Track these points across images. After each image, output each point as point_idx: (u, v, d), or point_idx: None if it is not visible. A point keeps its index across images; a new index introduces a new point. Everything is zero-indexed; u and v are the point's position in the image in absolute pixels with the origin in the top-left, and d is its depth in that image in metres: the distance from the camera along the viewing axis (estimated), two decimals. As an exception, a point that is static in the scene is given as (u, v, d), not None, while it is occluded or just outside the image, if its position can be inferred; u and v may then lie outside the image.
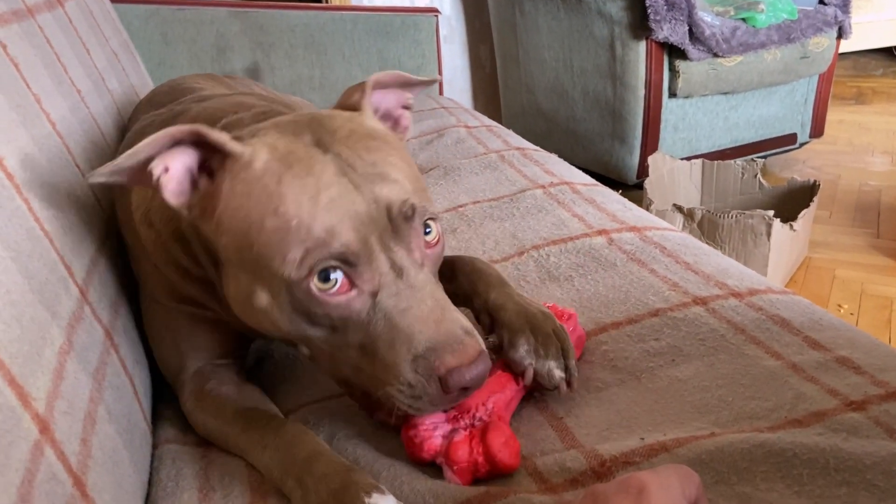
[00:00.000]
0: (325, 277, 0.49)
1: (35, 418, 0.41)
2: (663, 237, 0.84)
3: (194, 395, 0.65)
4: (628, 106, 2.19)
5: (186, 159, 0.52)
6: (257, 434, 0.58)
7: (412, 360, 0.49)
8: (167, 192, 0.52)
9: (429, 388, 0.49)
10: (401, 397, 0.50)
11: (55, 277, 0.54)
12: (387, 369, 0.50)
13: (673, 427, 0.54)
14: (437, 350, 0.49)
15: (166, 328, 0.67)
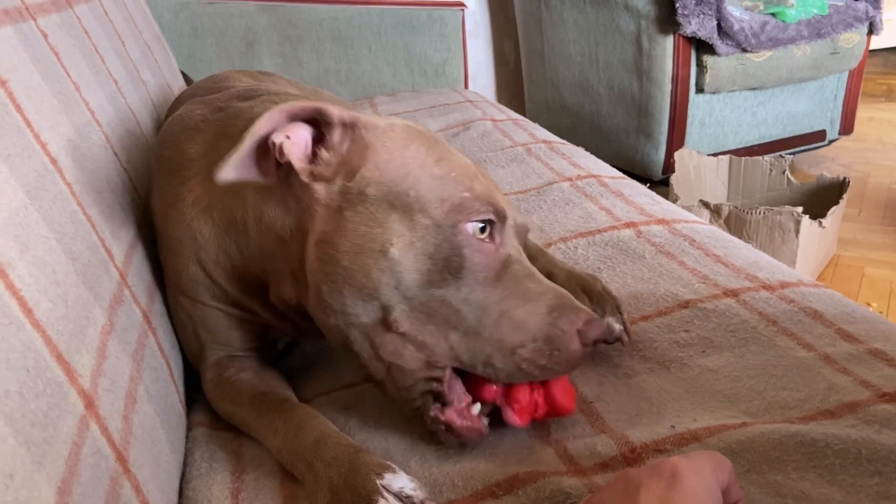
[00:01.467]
0: (479, 228, 0.52)
1: (81, 394, 0.42)
2: (692, 230, 0.84)
3: (214, 382, 0.66)
4: (654, 101, 2.18)
5: (302, 132, 0.54)
6: (269, 418, 0.59)
7: (547, 313, 0.51)
8: (293, 157, 0.53)
9: (568, 341, 0.51)
10: (535, 356, 0.51)
11: (97, 260, 0.55)
12: (519, 326, 0.51)
13: (703, 415, 0.54)
14: (571, 306, 0.52)
15: (191, 320, 0.68)
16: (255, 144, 0.52)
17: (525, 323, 0.51)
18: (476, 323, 0.51)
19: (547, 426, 0.57)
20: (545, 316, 0.51)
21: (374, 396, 0.63)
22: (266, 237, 0.60)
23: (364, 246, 0.52)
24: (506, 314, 0.51)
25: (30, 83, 0.56)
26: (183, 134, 0.69)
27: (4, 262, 0.39)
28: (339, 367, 0.70)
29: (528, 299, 0.52)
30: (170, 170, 0.67)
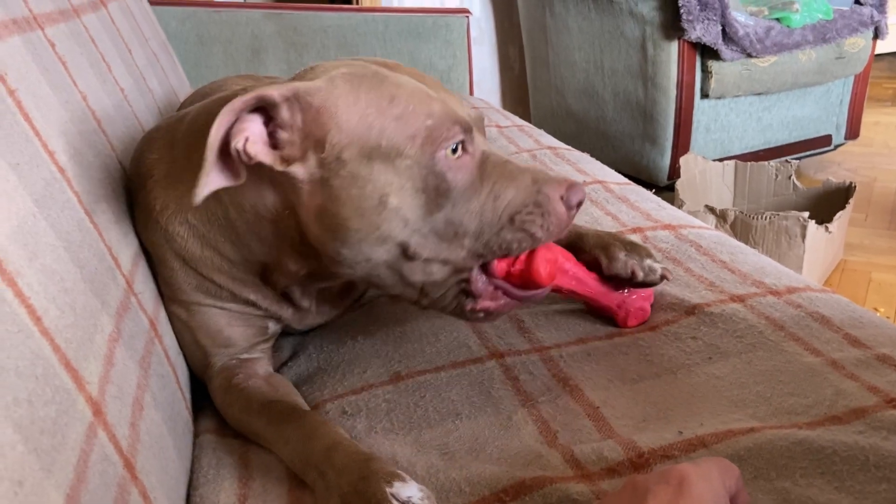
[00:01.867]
0: (451, 149, 0.56)
1: (89, 401, 0.42)
2: (699, 235, 0.84)
3: (222, 389, 0.66)
4: (660, 107, 2.18)
5: (255, 122, 0.54)
6: (280, 427, 0.59)
7: (532, 184, 0.57)
8: (260, 156, 0.53)
9: (553, 204, 0.57)
10: (533, 218, 0.57)
11: (104, 267, 0.55)
12: (511, 201, 0.57)
13: (710, 420, 0.54)
14: (548, 178, 0.58)
15: (188, 328, 0.68)
16: (217, 154, 0.52)
17: (515, 194, 0.57)
18: (480, 221, 0.57)
19: (553, 431, 0.57)
20: (531, 186, 0.57)
21: (381, 401, 0.63)
22: (256, 224, 0.60)
23: (364, 206, 0.54)
24: (498, 196, 0.57)
25: (38, 92, 0.57)
26: (144, 147, 0.69)
27: (13, 271, 0.40)
28: (346, 372, 0.70)
29: (512, 178, 0.58)
30: (138, 185, 0.67)
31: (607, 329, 0.69)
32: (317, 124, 0.54)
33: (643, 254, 0.68)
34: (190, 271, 0.66)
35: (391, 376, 0.67)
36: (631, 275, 0.67)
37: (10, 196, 0.44)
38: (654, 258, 0.69)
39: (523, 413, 0.59)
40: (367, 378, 0.68)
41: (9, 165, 0.45)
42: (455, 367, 0.66)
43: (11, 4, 0.60)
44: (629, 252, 0.68)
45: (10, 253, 0.40)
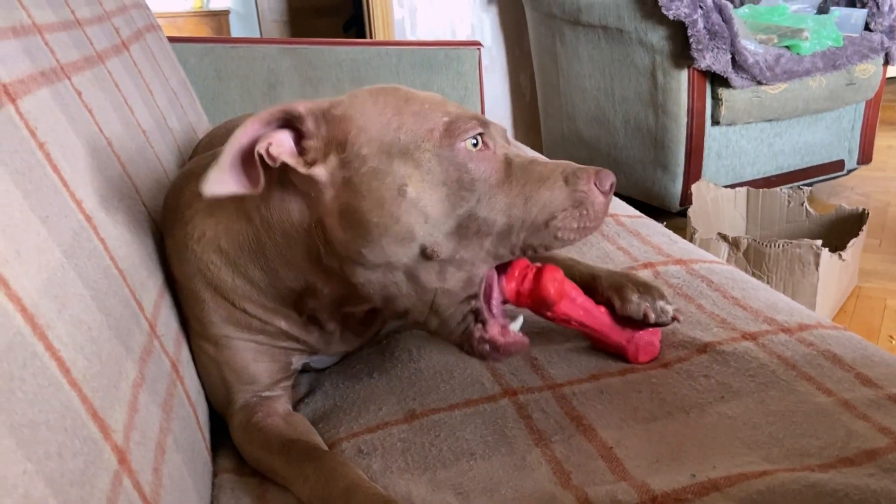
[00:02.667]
0: (471, 142, 0.57)
1: (114, 449, 0.44)
2: (710, 270, 0.85)
3: (242, 428, 0.67)
4: (671, 134, 2.19)
5: (283, 135, 0.57)
6: (299, 466, 0.60)
7: (565, 182, 0.58)
8: (284, 156, 0.56)
9: (591, 196, 0.58)
10: (568, 222, 0.58)
11: (128, 313, 0.57)
12: (546, 203, 0.57)
13: (723, 462, 0.55)
14: (578, 170, 0.59)
15: (215, 364, 0.69)
16: (236, 155, 0.55)
17: (551, 198, 0.57)
18: (506, 219, 0.57)
19: (567, 472, 0.57)
20: (564, 186, 0.58)
21: (396, 440, 0.64)
22: (285, 244, 0.62)
23: (384, 198, 0.56)
24: (530, 198, 0.57)
25: (66, 143, 0.59)
26: (184, 182, 0.72)
27: (44, 324, 0.41)
28: (362, 410, 0.71)
29: (543, 179, 0.58)
30: (174, 218, 0.70)
31: (619, 365, 0.70)
32: (339, 129, 0.57)
33: (656, 295, 0.69)
34: (220, 301, 0.67)
35: (406, 414, 0.68)
36: (644, 317, 0.68)
37: (41, 249, 0.46)
38: (667, 299, 0.70)
39: (537, 453, 0.60)
40: (382, 416, 0.68)
41: (39, 219, 0.47)
42: (469, 405, 0.67)
43: (39, 56, 0.62)
44: (642, 294, 0.69)
45: (42, 307, 0.42)
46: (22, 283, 0.41)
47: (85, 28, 0.84)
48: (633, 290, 0.69)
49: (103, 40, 0.90)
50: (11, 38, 0.58)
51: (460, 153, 0.56)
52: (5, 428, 0.33)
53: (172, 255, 0.71)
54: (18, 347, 0.37)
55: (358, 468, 0.58)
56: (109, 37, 0.95)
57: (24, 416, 0.35)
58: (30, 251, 0.44)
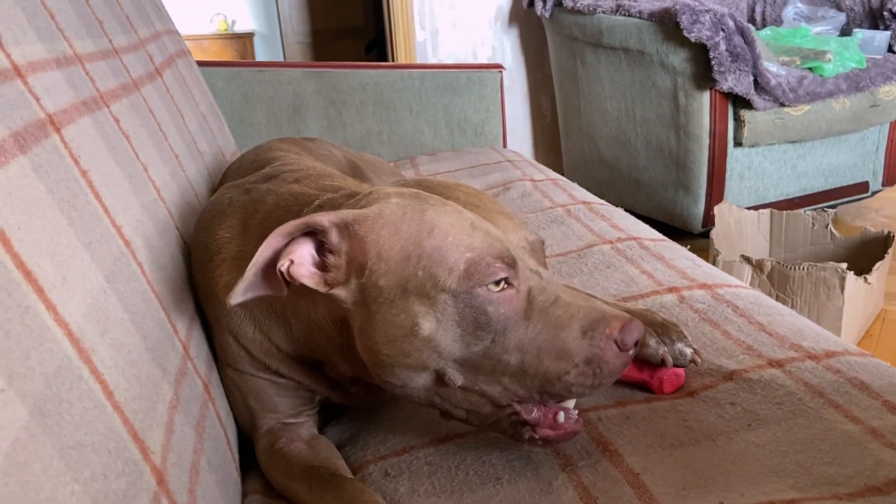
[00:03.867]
0: (494, 283, 0.54)
1: (153, 471, 0.45)
2: (735, 295, 0.85)
3: (266, 453, 0.68)
4: (693, 155, 2.19)
5: (305, 246, 0.57)
6: (320, 494, 0.61)
7: (582, 335, 0.54)
8: (304, 279, 0.56)
9: (607, 356, 0.54)
10: (581, 380, 0.54)
11: (164, 336, 0.58)
12: (559, 356, 0.54)
13: (751, 490, 0.55)
14: (601, 318, 0.54)
15: (239, 391, 0.71)
16: (260, 270, 0.55)
17: (563, 351, 0.54)
18: (519, 364, 0.55)
19: (593, 498, 0.58)
20: (580, 339, 0.54)
21: (423, 463, 0.65)
22: (309, 328, 0.64)
23: (395, 334, 0.55)
24: (543, 348, 0.55)
25: (106, 170, 0.61)
26: (214, 220, 0.73)
27: (89, 348, 0.43)
28: (388, 433, 0.71)
29: (560, 327, 0.55)
30: (204, 256, 0.71)
31: (645, 393, 0.70)
32: (360, 251, 0.56)
33: (675, 337, 0.69)
34: (240, 348, 0.69)
35: (432, 438, 0.69)
36: (661, 361, 0.68)
37: (85, 275, 0.47)
38: (686, 340, 0.70)
39: (563, 478, 0.60)
40: (408, 440, 0.69)
41: (83, 245, 0.49)
42: (495, 429, 0.68)
43: (81, 86, 0.65)
44: (661, 337, 0.69)
45: (86, 331, 0.43)
46: (68, 308, 0.42)
47: (122, 56, 0.87)
48: (650, 334, 0.69)
49: (139, 68, 0.93)
50: (55, 68, 0.60)
51: (479, 296, 0.54)
52: (55, 451, 0.34)
53: (200, 288, 0.72)
54: (66, 371, 0.39)
55: (378, 495, 0.59)
56: (144, 64, 0.98)
57: (71, 438, 0.36)
58: (75, 277, 0.45)
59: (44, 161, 0.48)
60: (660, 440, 0.63)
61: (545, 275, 0.58)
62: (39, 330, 0.38)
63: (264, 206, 0.70)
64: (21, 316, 0.36)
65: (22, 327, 0.36)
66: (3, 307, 0.35)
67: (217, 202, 0.77)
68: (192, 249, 0.76)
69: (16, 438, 0.31)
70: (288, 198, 0.70)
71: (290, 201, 0.69)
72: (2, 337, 0.34)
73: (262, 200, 0.71)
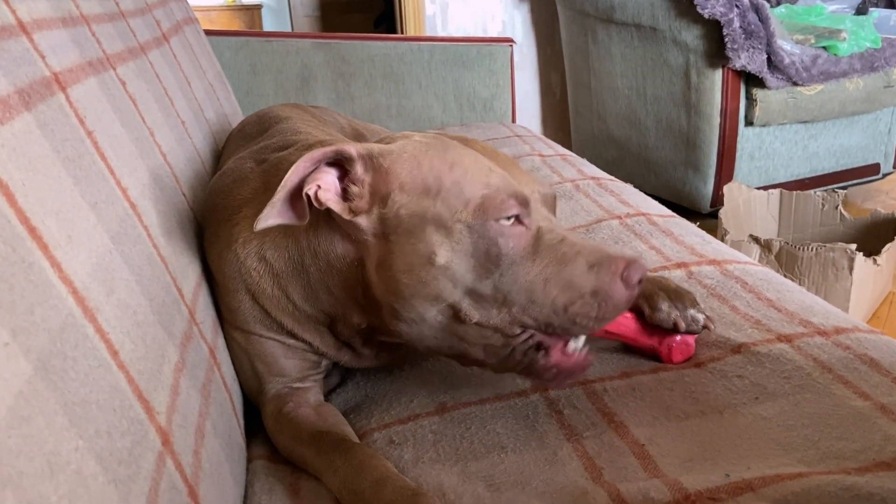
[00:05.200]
0: (506, 218, 0.56)
1: (158, 431, 0.45)
2: (744, 271, 0.84)
3: (273, 417, 0.68)
4: (703, 134, 2.17)
5: (330, 175, 0.59)
6: (329, 458, 0.61)
7: (588, 269, 0.56)
8: (330, 203, 0.58)
9: (613, 289, 0.56)
10: (586, 312, 0.56)
11: (170, 299, 0.58)
12: (566, 288, 0.56)
13: (758, 463, 0.54)
14: (607, 256, 0.57)
15: (246, 354, 0.71)
16: (288, 195, 0.57)
17: (570, 283, 0.56)
18: (527, 296, 0.57)
19: (598, 468, 0.57)
20: (586, 273, 0.56)
21: (427, 431, 0.65)
22: (328, 271, 0.64)
23: (414, 262, 0.58)
24: (550, 280, 0.57)
25: (112, 132, 0.60)
26: (234, 184, 0.73)
27: (94, 307, 0.42)
28: (392, 401, 0.71)
29: (566, 262, 0.57)
30: (222, 217, 0.71)
31: (651, 364, 0.70)
32: (383, 183, 0.59)
33: (688, 303, 0.69)
34: (257, 307, 0.69)
35: (437, 407, 0.69)
36: (673, 325, 0.68)
37: (90, 234, 0.47)
38: (699, 307, 0.69)
39: (568, 448, 0.60)
40: (413, 408, 0.69)
41: (88, 205, 0.48)
42: (500, 399, 0.68)
43: (87, 47, 0.64)
44: (673, 301, 0.69)
45: (91, 290, 0.43)
46: (73, 266, 0.42)
47: (128, 20, 0.86)
48: (663, 298, 0.69)
49: (145, 32, 0.92)
50: (61, 27, 0.59)
51: (491, 228, 0.56)
52: (59, 406, 0.34)
53: (212, 250, 0.72)
54: (71, 329, 0.38)
55: (387, 461, 0.59)
56: (151, 29, 0.97)
57: (76, 394, 0.36)
58: (80, 236, 0.45)
59: (49, 119, 0.47)
60: (666, 412, 0.63)
61: (555, 221, 0.61)
62: (44, 286, 0.37)
63: (281, 171, 0.70)
64: (25, 271, 0.36)
65: (26, 283, 0.36)
66: (7, 262, 0.35)
67: (234, 169, 0.77)
68: (206, 213, 0.75)
69: (19, 392, 0.31)
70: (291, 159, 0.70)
71: None
72: (6, 291, 0.33)
73: (278, 167, 0.72)
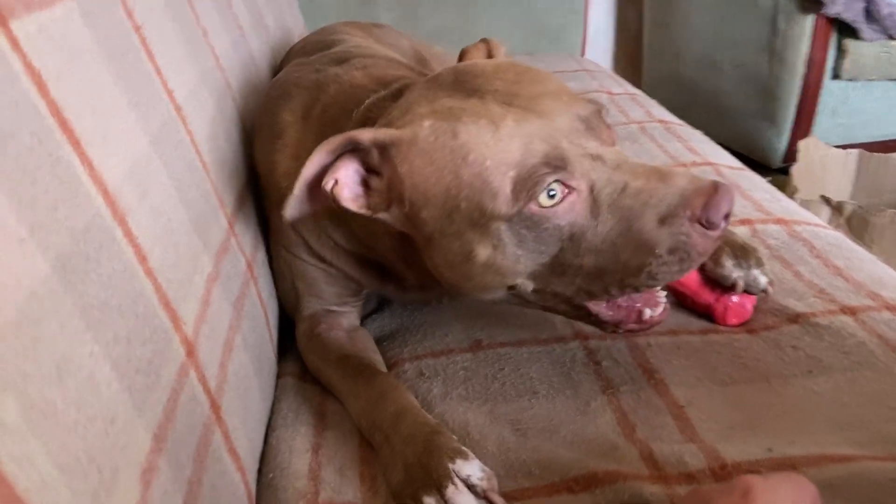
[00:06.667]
0: (547, 193, 0.48)
1: (183, 342, 0.44)
2: (814, 234, 0.79)
3: (306, 336, 0.68)
4: (783, 84, 2.05)
5: (350, 165, 0.54)
6: (353, 382, 0.60)
7: (660, 224, 0.48)
8: (345, 202, 0.53)
9: (693, 239, 0.48)
10: (666, 269, 0.49)
11: (209, 208, 0.56)
12: (639, 250, 0.49)
13: (802, 438, 0.51)
14: (680, 201, 0.47)
15: (289, 272, 0.70)
16: (306, 187, 0.53)
17: (642, 243, 0.48)
18: (594, 264, 0.50)
19: (632, 424, 0.55)
20: (658, 229, 0.48)
21: (459, 368, 0.63)
22: (371, 234, 0.61)
23: (453, 260, 0.53)
24: (619, 244, 0.49)
25: (162, 28, 0.58)
26: (280, 100, 0.70)
27: (124, 210, 0.41)
28: (428, 333, 0.70)
29: (634, 218, 0.48)
30: (267, 136, 0.69)
31: (701, 324, 0.66)
32: (397, 179, 0.52)
33: (753, 262, 0.64)
34: (297, 236, 0.67)
35: (472, 344, 0.67)
36: (732, 285, 0.63)
37: (128, 135, 0.45)
38: (763, 267, 0.64)
39: (602, 400, 0.58)
40: (447, 342, 0.68)
41: (129, 104, 0.47)
42: (538, 343, 0.65)
43: (143, -64, 0.61)
44: (738, 259, 0.63)
45: (124, 192, 0.41)
46: (106, 166, 0.40)
47: (190, -87, 0.82)
48: (728, 254, 0.64)
49: (208, -72, 0.88)
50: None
51: (535, 215, 0.49)
52: (76, 309, 0.33)
53: (263, 170, 0.71)
54: (96, 230, 0.37)
55: (410, 394, 0.58)
56: (214, -75, 0.93)
57: (95, 298, 0.35)
58: (117, 135, 0.43)
59: (94, 8, 0.45)
60: (711, 374, 0.59)
61: (608, 155, 0.50)
62: (71, 183, 0.36)
63: (326, 95, 0.68)
64: (52, 166, 0.35)
65: (51, 177, 0.34)
66: (32, 154, 0.33)
67: (284, 80, 0.74)
68: (256, 128, 0.74)
69: (32, 292, 0.30)
70: (348, 90, 0.67)
71: (349, 95, 0.66)
72: (28, 185, 0.32)
73: (326, 88, 0.68)
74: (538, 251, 0.51)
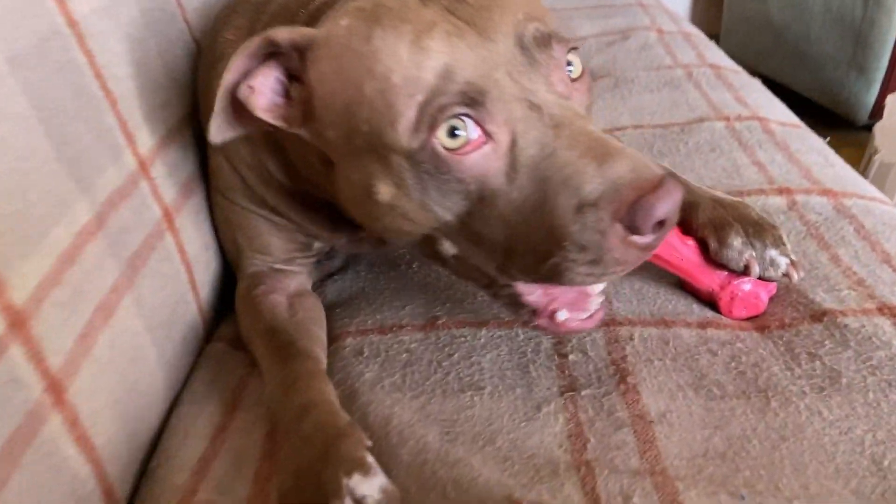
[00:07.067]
0: (452, 132, 0.39)
1: (5, 309, 0.36)
2: (865, 209, 0.64)
3: (242, 297, 0.60)
4: (879, 30, 1.81)
5: (271, 72, 0.45)
6: (273, 359, 0.52)
7: (576, 211, 0.38)
8: (258, 110, 0.44)
9: (608, 241, 0.37)
10: (574, 267, 0.39)
11: (103, 146, 0.48)
12: (548, 236, 0.39)
13: (792, 481, 0.40)
14: (607, 189, 0.37)
15: (228, 223, 0.62)
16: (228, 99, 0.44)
17: (552, 229, 0.38)
18: (505, 239, 0.41)
19: (585, 440, 0.45)
20: (573, 216, 0.38)
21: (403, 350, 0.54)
22: (304, 159, 0.52)
23: (356, 194, 0.44)
24: (531, 221, 0.39)
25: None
26: (224, 19, 0.61)
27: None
28: (385, 303, 0.61)
29: (551, 194, 0.38)
30: (208, 59, 0.60)
31: (703, 314, 0.54)
32: (309, 87, 0.43)
33: (769, 241, 0.52)
34: (236, 175, 0.59)
35: (428, 321, 0.57)
36: (744, 268, 0.51)
37: None
38: (783, 247, 0.52)
39: (557, 405, 0.48)
40: (401, 316, 0.58)
41: None
42: (500, 326, 0.55)
43: None
44: (750, 238, 0.52)
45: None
46: None
47: None
48: (737, 232, 0.52)
49: None
50: None
51: (436, 156, 0.39)
52: None
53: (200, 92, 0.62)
54: None
55: (328, 383, 0.49)
56: None
57: None
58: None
59: None
60: (697, 382, 0.48)
61: (551, 107, 0.40)
62: None
63: (273, 5, 0.57)
64: None
65: None
66: None
67: (228, 4, 0.64)
68: (201, 53, 0.65)
69: None
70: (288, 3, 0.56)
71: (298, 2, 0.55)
72: None
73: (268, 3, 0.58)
74: (442, 205, 0.41)
